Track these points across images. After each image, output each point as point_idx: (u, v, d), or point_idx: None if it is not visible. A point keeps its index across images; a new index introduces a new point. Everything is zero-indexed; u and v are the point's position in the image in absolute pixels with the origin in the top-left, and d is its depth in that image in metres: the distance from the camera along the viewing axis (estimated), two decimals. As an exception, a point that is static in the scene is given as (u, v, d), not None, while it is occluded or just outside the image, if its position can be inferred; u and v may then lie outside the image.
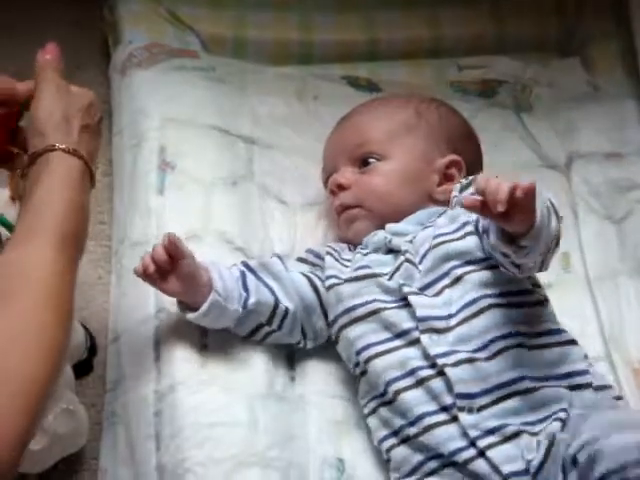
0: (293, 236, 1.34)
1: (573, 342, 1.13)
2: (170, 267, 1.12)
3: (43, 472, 1.17)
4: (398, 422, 1.11)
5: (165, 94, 1.42)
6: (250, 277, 1.18)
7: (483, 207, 0.98)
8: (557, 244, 1.09)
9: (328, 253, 1.22)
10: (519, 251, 1.03)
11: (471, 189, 1.18)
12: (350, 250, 1.24)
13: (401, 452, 1.11)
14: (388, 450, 1.12)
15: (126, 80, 1.45)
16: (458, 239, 1.15)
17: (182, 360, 1.18)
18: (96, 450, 1.20)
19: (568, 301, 1.26)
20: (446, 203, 1.24)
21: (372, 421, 1.14)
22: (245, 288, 1.16)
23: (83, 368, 1.26)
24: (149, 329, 1.21)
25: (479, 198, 0.98)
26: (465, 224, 1.16)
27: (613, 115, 1.44)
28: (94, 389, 1.26)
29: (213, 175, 1.34)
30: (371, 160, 1.26)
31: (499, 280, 1.13)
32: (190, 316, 1.14)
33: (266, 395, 1.16)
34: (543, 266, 1.10)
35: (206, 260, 1.17)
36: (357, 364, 1.16)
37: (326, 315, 1.20)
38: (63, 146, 1.04)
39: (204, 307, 1.13)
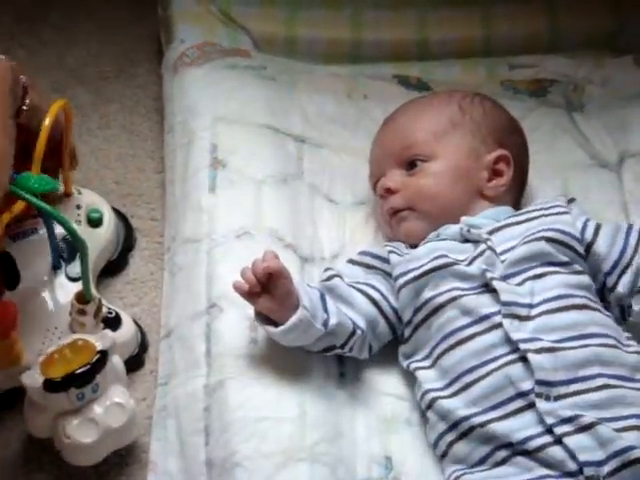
0: (342, 235, 1.34)
1: None
2: (265, 287, 1.12)
3: (95, 465, 1.17)
4: (462, 413, 1.10)
5: (216, 93, 1.43)
6: (329, 299, 1.17)
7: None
8: None
9: (391, 252, 1.22)
10: None
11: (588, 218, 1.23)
12: (407, 248, 1.24)
13: (464, 446, 1.11)
14: (450, 445, 1.12)
15: (178, 78, 1.46)
16: (548, 240, 1.17)
17: (232, 356, 1.19)
18: (147, 444, 1.20)
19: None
20: (496, 199, 1.25)
21: (431, 415, 1.14)
22: (325, 309, 1.16)
23: (134, 363, 1.27)
24: (200, 325, 1.22)
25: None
26: (556, 230, 1.18)
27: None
28: (145, 384, 1.27)
29: (264, 173, 1.35)
30: (418, 162, 1.27)
31: (581, 284, 1.15)
32: (273, 331, 1.13)
33: (315, 391, 1.17)
34: None
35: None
36: (429, 355, 1.16)
37: (388, 321, 1.20)
38: None
39: (291, 322, 1.12)
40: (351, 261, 1.25)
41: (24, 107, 1.12)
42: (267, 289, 1.12)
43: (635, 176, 1.40)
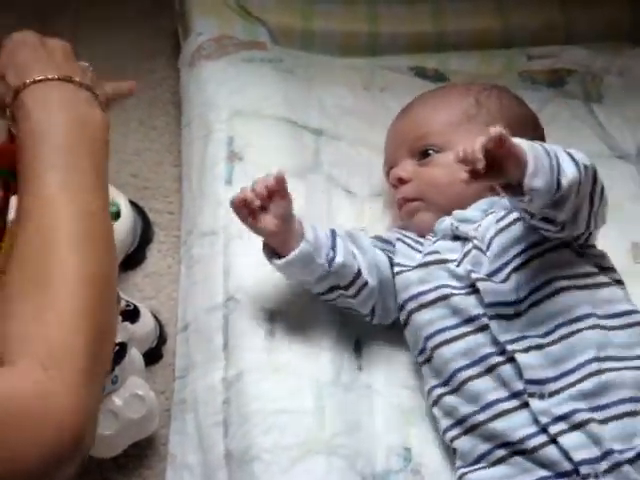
0: (360, 226, 1.34)
1: None
2: (265, 205, 1.11)
3: (114, 457, 1.19)
4: (464, 410, 1.10)
5: (233, 86, 1.44)
6: (339, 239, 1.18)
7: (471, 173, 1.00)
8: (600, 197, 1.09)
9: (399, 239, 1.22)
10: (530, 199, 1.02)
11: None
12: (419, 237, 1.24)
13: (466, 442, 1.10)
14: (453, 440, 1.12)
15: (195, 72, 1.47)
16: (512, 223, 1.15)
17: (249, 349, 1.19)
18: (166, 436, 1.22)
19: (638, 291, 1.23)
20: None
21: (437, 411, 1.14)
22: (333, 247, 1.16)
23: (153, 356, 1.28)
24: (217, 318, 1.22)
25: (466, 169, 1.01)
26: (511, 210, 1.16)
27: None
28: (164, 376, 1.28)
29: (280, 165, 1.33)
30: (431, 152, 1.26)
31: (563, 262, 1.13)
32: (276, 262, 1.14)
33: (333, 383, 1.17)
34: (590, 222, 1.10)
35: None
36: (423, 350, 1.16)
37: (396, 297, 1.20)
38: (50, 75, 0.96)
39: (293, 254, 1.13)
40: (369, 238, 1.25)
41: None
42: (267, 210, 1.12)
43: (654, 167, 1.40)
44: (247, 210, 1.12)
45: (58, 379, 0.79)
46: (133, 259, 1.38)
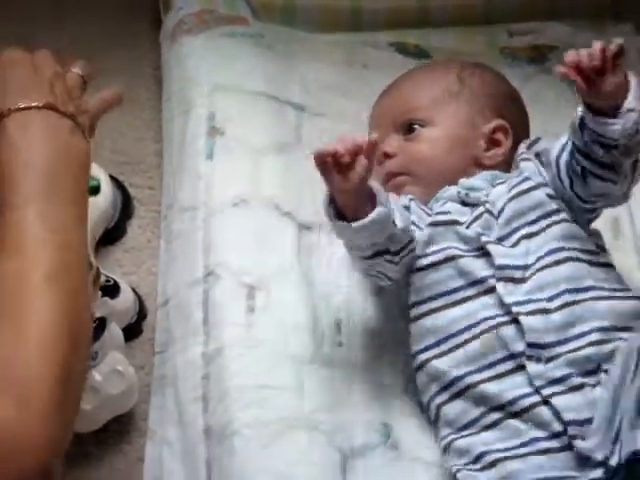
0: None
1: None
2: (352, 162, 1.08)
3: (94, 432, 1.19)
4: (456, 372, 1.11)
5: (214, 61, 1.43)
6: (394, 205, 1.15)
7: (578, 70, 1.03)
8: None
9: (412, 200, 1.22)
10: (624, 124, 1.05)
11: (537, 145, 1.22)
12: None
13: (456, 407, 1.11)
14: (440, 406, 1.13)
15: (176, 47, 1.46)
16: (528, 191, 1.17)
17: (229, 324, 1.20)
18: (145, 411, 1.22)
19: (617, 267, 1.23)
20: (494, 167, 1.25)
21: (422, 376, 1.15)
22: (392, 212, 1.14)
23: (133, 331, 1.28)
24: (197, 293, 1.23)
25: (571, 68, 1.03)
26: (526, 179, 1.18)
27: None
28: (143, 352, 1.28)
29: (262, 141, 1.35)
30: (415, 126, 1.27)
31: (574, 235, 1.16)
32: (348, 225, 1.10)
33: (312, 359, 1.18)
34: (630, 187, 1.14)
35: None
36: (420, 308, 1.16)
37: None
38: (33, 103, 0.96)
39: (373, 215, 1.09)
40: None
41: None
42: (350, 167, 1.09)
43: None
44: (333, 164, 1.08)
45: (29, 412, 0.79)
46: (113, 234, 1.37)
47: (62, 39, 1.58)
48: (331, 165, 1.08)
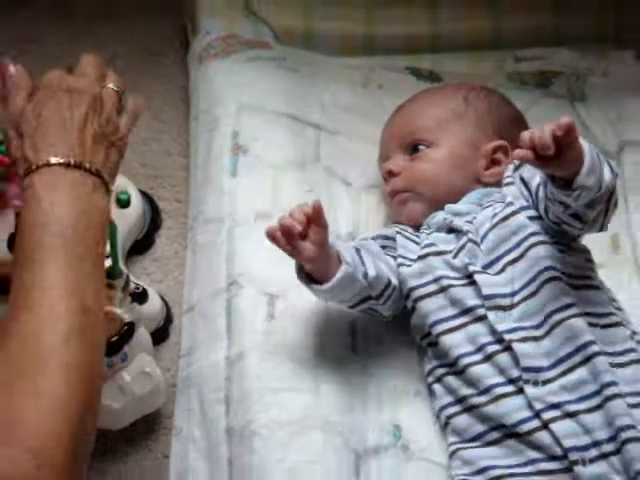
0: (357, 216, 1.35)
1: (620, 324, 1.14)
2: (304, 232, 1.08)
3: (122, 429, 1.19)
4: (465, 391, 1.12)
5: (239, 82, 1.43)
6: (364, 253, 1.16)
7: (535, 156, 0.99)
8: (615, 203, 1.10)
9: (398, 233, 1.23)
10: (578, 195, 1.03)
11: (523, 168, 1.20)
12: (414, 230, 1.25)
13: (464, 420, 1.12)
14: (450, 417, 1.13)
15: (203, 69, 1.46)
16: (509, 217, 1.16)
17: (251, 330, 1.20)
18: (171, 411, 1.23)
19: (617, 281, 1.25)
20: (495, 185, 1.25)
21: (437, 388, 1.16)
22: (362, 262, 1.15)
23: (160, 335, 1.29)
24: (221, 301, 1.24)
25: (528, 151, 1.00)
26: (509, 204, 1.17)
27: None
28: (170, 355, 1.28)
29: (282, 158, 1.36)
30: (420, 147, 1.27)
31: (554, 255, 1.14)
32: (319, 288, 1.11)
33: (328, 364, 1.18)
34: (604, 224, 1.11)
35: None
36: (428, 335, 1.17)
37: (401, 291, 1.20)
38: (62, 160, 0.94)
39: (338, 277, 1.10)
40: (371, 238, 1.24)
41: None
42: (305, 237, 1.09)
43: (634, 165, 1.40)
44: (286, 238, 1.08)
45: (45, 468, 0.79)
46: (142, 244, 1.38)
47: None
48: (284, 239, 1.08)
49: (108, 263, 1.19)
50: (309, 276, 1.13)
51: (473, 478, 1.09)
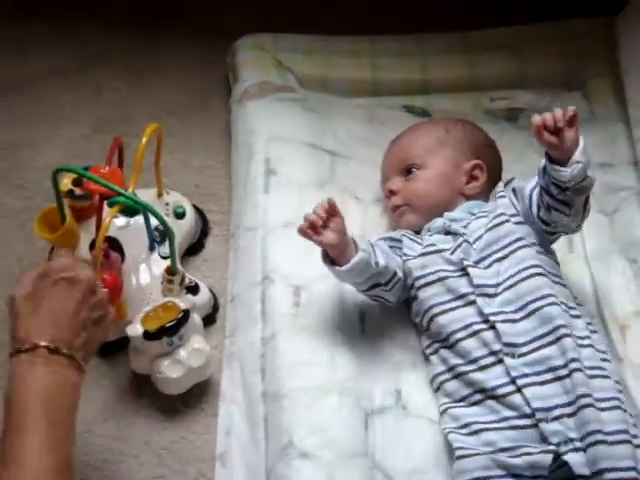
0: (366, 224, 1.34)
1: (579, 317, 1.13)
2: (325, 223, 1.09)
3: (180, 394, 1.20)
4: (455, 361, 1.12)
5: (270, 119, 1.43)
6: (376, 247, 1.16)
7: (549, 132, 1.04)
8: (589, 208, 1.12)
9: (404, 235, 1.23)
10: (572, 170, 1.04)
11: (513, 183, 1.21)
12: (415, 235, 1.24)
13: (453, 385, 1.12)
14: (442, 382, 1.13)
15: (242, 108, 1.46)
16: (501, 224, 1.16)
17: (280, 315, 1.20)
18: (219, 380, 1.22)
19: (572, 273, 1.25)
20: (473, 196, 1.25)
21: (433, 359, 1.15)
22: (374, 254, 1.14)
23: (209, 320, 1.28)
24: (257, 292, 1.23)
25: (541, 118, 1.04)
26: (500, 214, 1.17)
27: (605, 134, 1.40)
28: (217, 335, 1.28)
29: (305, 179, 1.35)
30: (413, 170, 1.27)
31: (535, 256, 1.14)
32: (340, 269, 1.11)
33: (342, 341, 1.18)
34: (583, 218, 1.13)
35: None
36: (427, 316, 1.16)
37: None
38: (50, 345, 0.92)
39: (354, 260, 1.10)
40: (380, 239, 1.24)
41: None
42: (327, 227, 1.10)
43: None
44: (312, 230, 1.10)
45: None
46: (195, 248, 1.37)
47: (157, 103, 1.58)
48: (310, 231, 1.09)
49: (168, 263, 1.21)
50: (332, 261, 1.12)
51: (459, 431, 1.09)
